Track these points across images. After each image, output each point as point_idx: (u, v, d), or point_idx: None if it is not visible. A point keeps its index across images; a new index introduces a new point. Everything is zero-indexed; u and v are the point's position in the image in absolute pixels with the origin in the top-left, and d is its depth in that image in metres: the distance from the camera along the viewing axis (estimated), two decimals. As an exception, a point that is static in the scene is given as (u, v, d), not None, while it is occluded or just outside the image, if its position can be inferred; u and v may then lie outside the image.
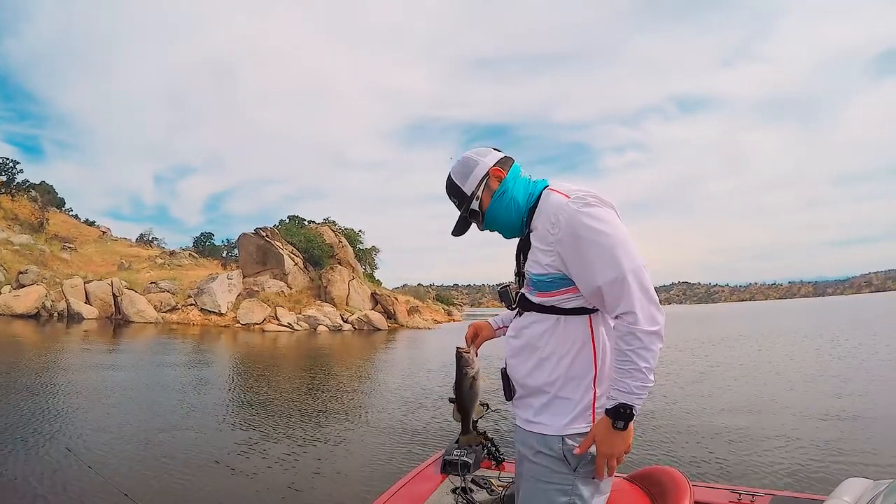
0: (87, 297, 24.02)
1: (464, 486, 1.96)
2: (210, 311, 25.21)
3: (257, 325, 24.28)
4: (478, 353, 1.59)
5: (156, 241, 42.57)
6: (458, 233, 1.49)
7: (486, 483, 2.02)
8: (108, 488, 3.59)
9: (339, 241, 32.81)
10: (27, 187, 35.92)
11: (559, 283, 1.29)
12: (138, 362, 11.85)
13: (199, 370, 11.03)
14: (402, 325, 29.26)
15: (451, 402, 2.13)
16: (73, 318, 22.47)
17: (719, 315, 51.04)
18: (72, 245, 32.27)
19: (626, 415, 1.20)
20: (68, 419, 5.94)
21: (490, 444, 2.30)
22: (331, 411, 7.11)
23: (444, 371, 11.09)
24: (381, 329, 26.54)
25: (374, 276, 37.81)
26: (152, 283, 26.41)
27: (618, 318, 1.21)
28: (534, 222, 1.34)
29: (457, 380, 1.57)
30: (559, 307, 1.30)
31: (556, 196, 1.30)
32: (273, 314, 25.38)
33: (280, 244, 29.19)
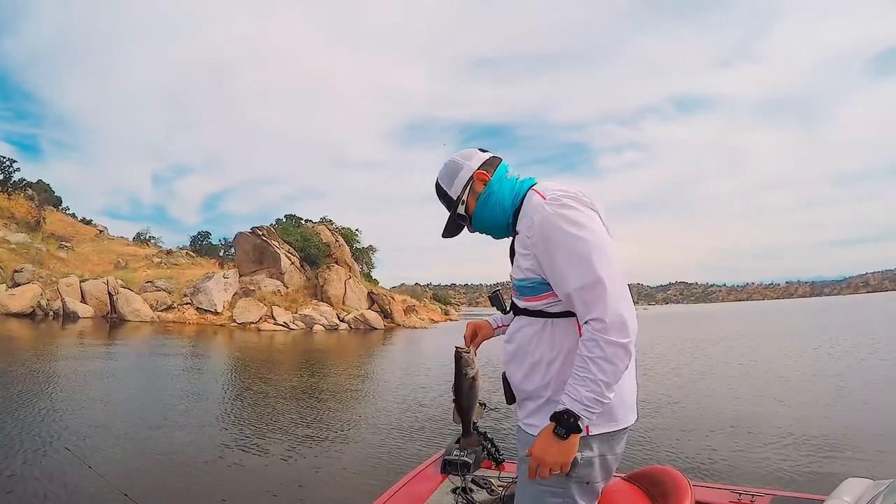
0: (82, 296, 23.92)
1: (464, 486, 1.95)
2: (206, 310, 25.14)
3: (253, 325, 24.23)
4: (477, 353, 1.57)
5: (153, 240, 42.34)
6: (447, 234, 1.47)
7: (486, 483, 2.01)
8: (107, 488, 3.58)
9: (336, 241, 32.75)
10: (24, 186, 35.74)
11: (541, 288, 1.27)
12: (135, 361, 11.80)
13: (196, 369, 11.00)
14: (399, 325, 29.26)
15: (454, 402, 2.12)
16: (68, 316, 22.38)
17: (717, 315, 51.18)
18: (69, 244, 32.12)
19: (568, 423, 1.14)
20: (67, 419, 5.91)
21: (490, 445, 2.30)
22: (329, 411, 7.10)
23: (442, 371, 11.09)
24: (377, 328, 26.54)
25: (371, 276, 37.78)
26: (148, 282, 26.32)
27: (586, 324, 1.16)
28: (518, 224, 1.32)
29: (456, 380, 1.54)
30: (546, 311, 1.27)
31: (535, 197, 1.27)
32: (269, 313, 25.33)
33: (276, 243, 29.13)
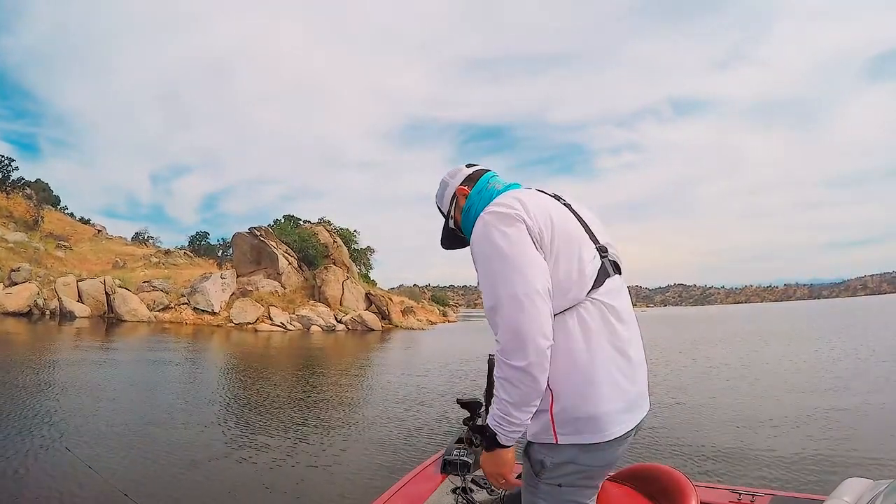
0: (79, 296, 23.86)
1: (464, 486, 1.94)
2: (203, 311, 25.09)
3: (250, 325, 24.18)
4: None
5: (151, 240, 42.31)
6: (447, 247, 1.54)
7: (486, 483, 2.00)
8: (107, 487, 3.57)
9: (334, 241, 32.72)
10: (22, 185, 35.62)
11: None
12: (132, 361, 11.76)
13: (194, 369, 10.98)
14: (396, 326, 29.25)
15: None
16: (65, 316, 22.32)
17: (716, 317, 51.25)
18: (67, 243, 32.06)
19: (488, 438, 1.17)
20: (66, 418, 5.88)
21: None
22: (327, 411, 7.08)
23: (442, 371, 11.09)
24: (374, 329, 26.51)
25: (369, 277, 37.73)
26: (145, 282, 26.28)
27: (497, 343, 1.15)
28: None
29: (488, 386, 1.56)
30: None
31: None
32: (266, 314, 25.29)
33: (274, 244, 29.09)
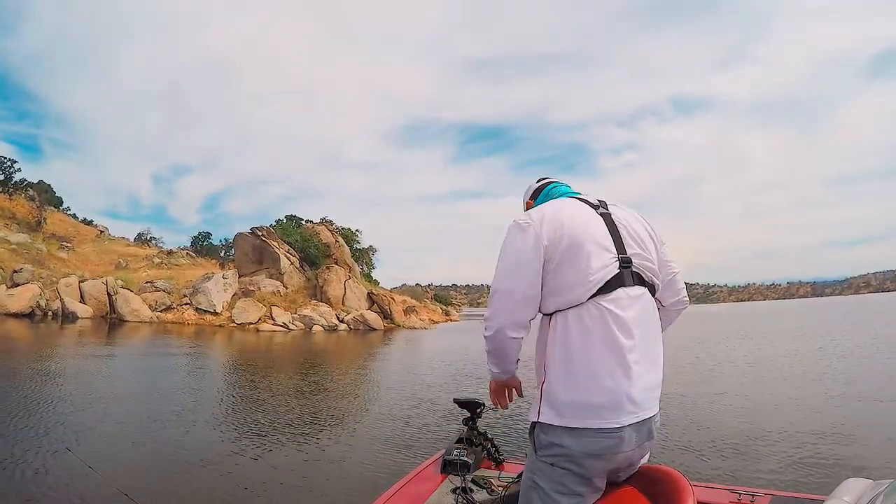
0: (81, 296, 23.94)
1: (464, 486, 1.95)
2: (205, 311, 25.14)
3: (252, 325, 24.22)
4: None
5: (153, 241, 42.40)
6: None
7: (486, 483, 2.01)
8: (108, 488, 3.58)
9: (336, 241, 32.73)
10: (25, 186, 35.76)
11: None
12: (134, 361, 11.79)
13: (195, 369, 11.00)
14: (399, 325, 29.27)
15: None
16: (67, 317, 22.38)
17: (719, 315, 51.12)
18: (69, 244, 32.16)
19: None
20: (67, 418, 5.89)
21: (490, 445, 2.29)
22: (328, 410, 7.08)
23: (443, 371, 11.09)
24: (376, 329, 26.52)
25: (371, 276, 37.76)
26: (148, 283, 26.35)
27: None
28: None
29: None
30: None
31: None
32: (268, 314, 25.33)
33: (276, 244, 29.11)
